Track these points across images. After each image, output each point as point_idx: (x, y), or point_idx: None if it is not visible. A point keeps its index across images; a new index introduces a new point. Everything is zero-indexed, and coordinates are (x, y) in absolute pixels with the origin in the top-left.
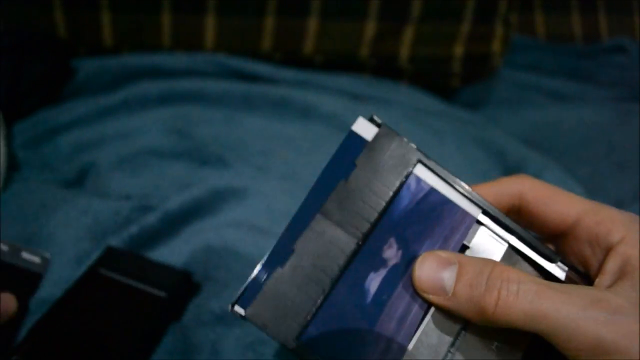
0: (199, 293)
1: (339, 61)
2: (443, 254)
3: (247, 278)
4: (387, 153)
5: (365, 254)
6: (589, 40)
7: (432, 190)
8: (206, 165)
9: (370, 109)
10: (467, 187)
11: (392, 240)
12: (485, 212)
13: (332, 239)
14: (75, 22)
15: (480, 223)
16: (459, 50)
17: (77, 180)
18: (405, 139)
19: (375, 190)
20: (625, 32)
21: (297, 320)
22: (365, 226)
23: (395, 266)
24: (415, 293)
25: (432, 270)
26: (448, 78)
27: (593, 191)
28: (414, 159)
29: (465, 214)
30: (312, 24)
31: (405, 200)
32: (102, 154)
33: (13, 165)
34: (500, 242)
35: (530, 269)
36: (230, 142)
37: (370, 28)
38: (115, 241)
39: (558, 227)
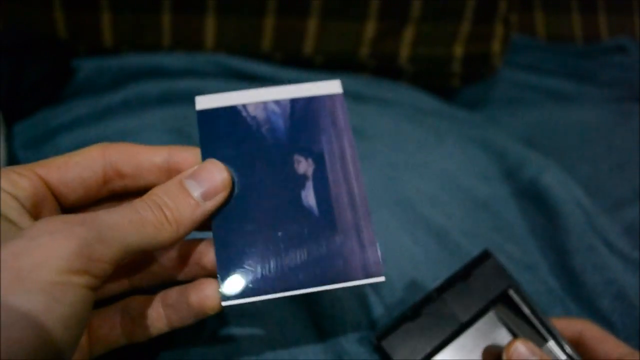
0: None
1: (339, 61)
2: (535, 347)
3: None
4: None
5: (286, 182)
6: (589, 40)
7: (298, 100)
8: None
9: (370, 109)
10: (542, 313)
11: (296, 157)
12: (554, 337)
13: (446, 315)
14: (75, 22)
15: (546, 340)
16: (459, 50)
17: None
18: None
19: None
20: (625, 32)
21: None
22: (468, 315)
23: (315, 171)
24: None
25: (526, 354)
26: (448, 78)
27: (593, 191)
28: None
29: (331, 97)
30: (312, 24)
31: (279, 123)
32: None
33: (13, 165)
34: (562, 355)
35: None
36: None
37: (370, 28)
38: None
39: None
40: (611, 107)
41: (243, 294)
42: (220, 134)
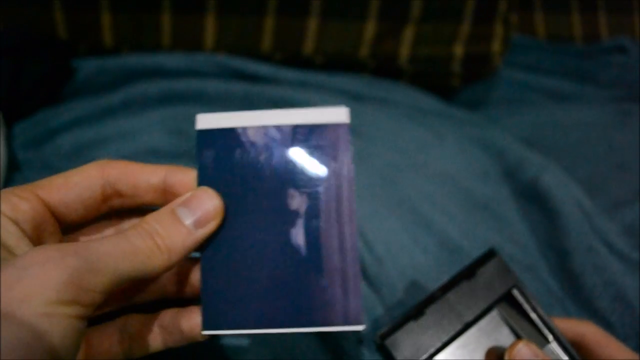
0: None
1: (339, 61)
2: (537, 350)
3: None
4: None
5: (278, 217)
6: (589, 40)
7: (301, 127)
8: None
9: (370, 109)
10: (544, 314)
11: (291, 191)
12: (556, 338)
13: (450, 314)
14: (75, 22)
15: (548, 341)
16: (459, 50)
17: None
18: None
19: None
20: (625, 32)
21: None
22: (473, 314)
23: (308, 209)
24: (340, 222)
25: (529, 355)
26: (448, 78)
27: (593, 191)
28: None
29: (335, 127)
30: (312, 24)
31: (278, 153)
32: (102, 154)
33: (13, 165)
34: (563, 356)
35: None
36: None
37: (370, 28)
38: None
39: None
40: (611, 107)
41: (223, 325)
42: (218, 158)
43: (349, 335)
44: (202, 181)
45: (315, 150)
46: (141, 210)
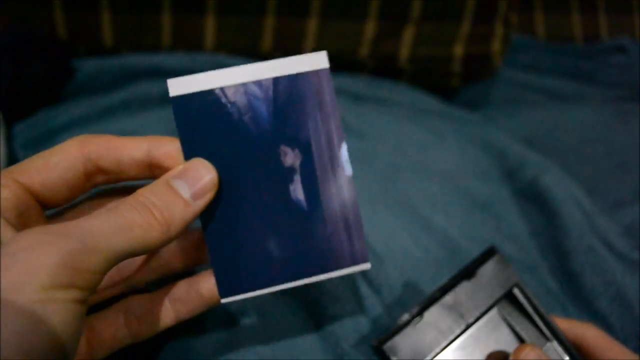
0: None
1: (339, 61)
2: (544, 355)
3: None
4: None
5: (273, 177)
6: (589, 40)
7: (281, 79)
8: None
9: (370, 109)
10: (546, 314)
11: (282, 148)
12: (557, 337)
13: (450, 317)
14: (75, 22)
15: (549, 340)
16: (459, 50)
17: None
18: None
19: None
20: (625, 32)
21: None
22: (474, 315)
23: (302, 163)
24: (335, 169)
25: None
26: (448, 78)
27: (593, 191)
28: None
29: (316, 74)
30: (312, 24)
31: (262, 110)
32: None
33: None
34: (564, 356)
35: None
36: None
37: (370, 28)
38: None
39: None
40: (611, 107)
41: (240, 289)
42: (200, 125)
43: (349, 334)
44: (187, 151)
45: (300, 100)
46: (129, 188)
